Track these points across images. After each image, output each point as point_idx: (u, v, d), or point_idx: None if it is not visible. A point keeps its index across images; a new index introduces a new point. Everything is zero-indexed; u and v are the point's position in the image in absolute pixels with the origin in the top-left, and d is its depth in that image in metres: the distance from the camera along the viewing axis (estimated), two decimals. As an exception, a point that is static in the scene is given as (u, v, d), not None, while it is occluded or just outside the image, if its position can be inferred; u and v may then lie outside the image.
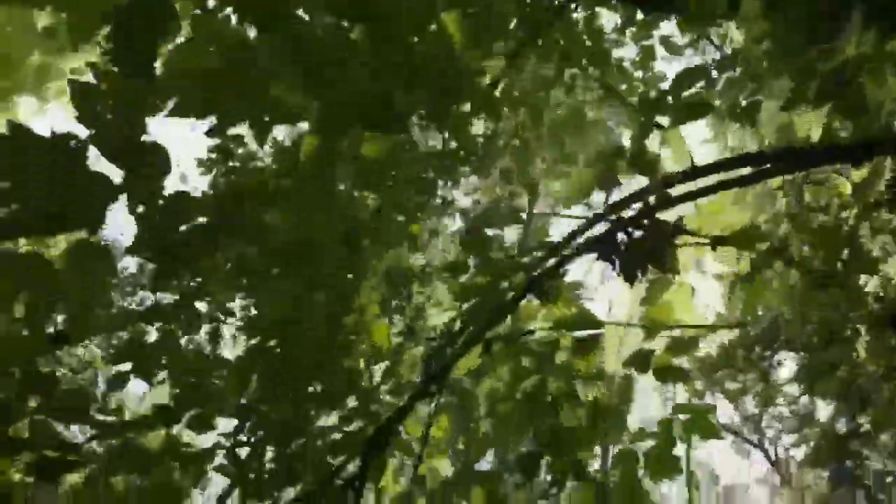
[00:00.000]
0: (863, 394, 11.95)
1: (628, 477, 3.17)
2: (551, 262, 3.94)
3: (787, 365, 27.38)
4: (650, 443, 3.49)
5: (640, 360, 4.15)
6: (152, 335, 3.45)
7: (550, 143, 7.60)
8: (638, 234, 3.57)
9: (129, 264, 10.46)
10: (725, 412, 22.44)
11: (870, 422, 11.80)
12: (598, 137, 7.95)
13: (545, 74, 6.75)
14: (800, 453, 20.16)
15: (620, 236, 3.59)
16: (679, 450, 3.85)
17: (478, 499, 3.78)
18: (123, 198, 2.33)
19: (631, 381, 3.85)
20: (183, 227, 2.48)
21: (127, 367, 3.18)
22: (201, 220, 2.57)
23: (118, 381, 3.28)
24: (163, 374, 3.36)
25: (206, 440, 3.64)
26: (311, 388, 3.56)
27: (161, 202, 2.41)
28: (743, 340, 18.08)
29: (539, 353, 3.99)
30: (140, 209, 2.37)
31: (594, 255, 3.67)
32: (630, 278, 3.63)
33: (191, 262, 2.68)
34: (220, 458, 3.47)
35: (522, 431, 3.63)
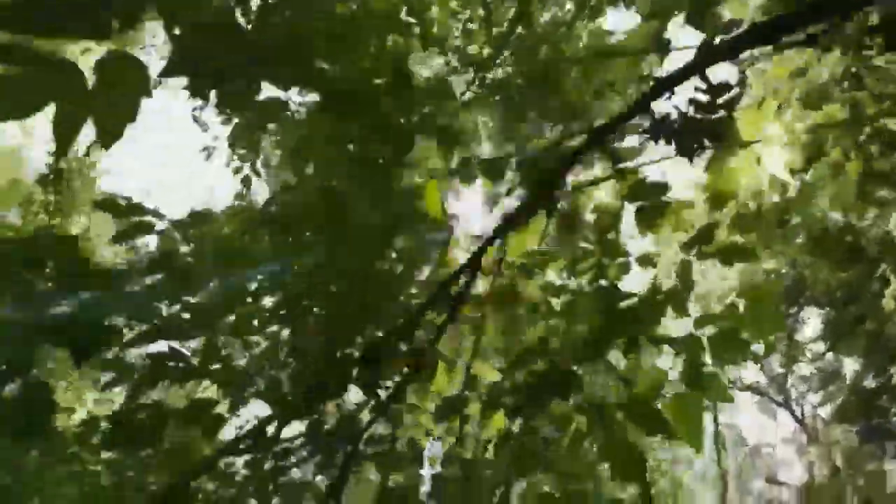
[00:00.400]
0: (891, 346, 11.80)
1: (694, 360, 3.03)
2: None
3: (811, 322, 27.18)
4: (711, 329, 3.17)
5: (703, 237, 3.59)
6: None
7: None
8: (692, 108, 3.40)
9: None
10: (751, 373, 22.37)
11: (900, 374, 11.64)
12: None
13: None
14: (826, 411, 20.06)
15: (673, 114, 3.43)
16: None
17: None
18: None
19: (690, 266, 3.51)
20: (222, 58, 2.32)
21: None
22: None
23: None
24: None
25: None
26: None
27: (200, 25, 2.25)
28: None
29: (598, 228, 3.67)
30: (177, 30, 2.24)
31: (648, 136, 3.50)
32: (688, 153, 3.43)
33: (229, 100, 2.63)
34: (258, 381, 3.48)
35: (586, 320, 3.44)
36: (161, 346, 3.47)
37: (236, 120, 7.92)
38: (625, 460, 3.05)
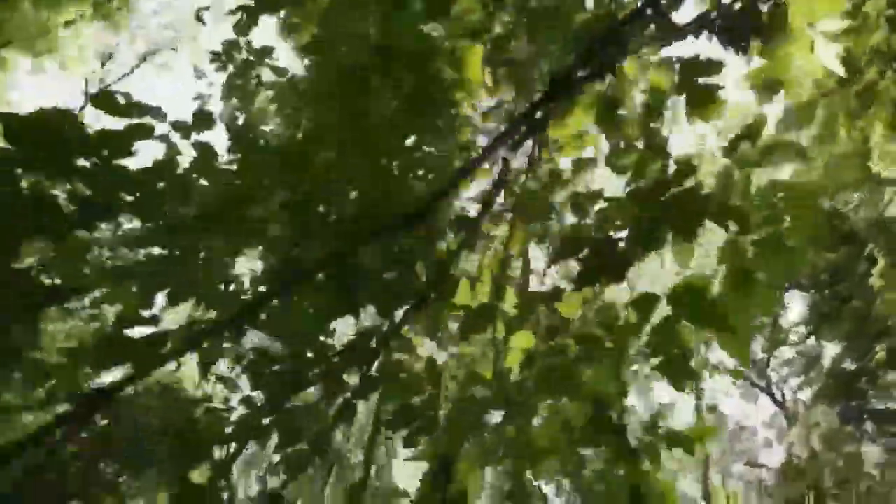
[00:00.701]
0: (877, 326, 12.04)
1: (737, 265, 3.02)
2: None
3: (794, 308, 27.43)
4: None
5: (751, 132, 3.27)
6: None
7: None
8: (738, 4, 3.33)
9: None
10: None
11: (886, 350, 11.91)
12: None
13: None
14: (807, 395, 20.42)
15: (720, 6, 3.38)
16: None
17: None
18: None
19: (732, 171, 3.38)
20: None
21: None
22: None
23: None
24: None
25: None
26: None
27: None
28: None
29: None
30: None
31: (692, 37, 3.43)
32: (737, 45, 3.32)
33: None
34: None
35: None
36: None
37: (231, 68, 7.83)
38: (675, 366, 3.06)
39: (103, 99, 3.06)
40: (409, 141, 3.51)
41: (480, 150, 3.72)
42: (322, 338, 3.56)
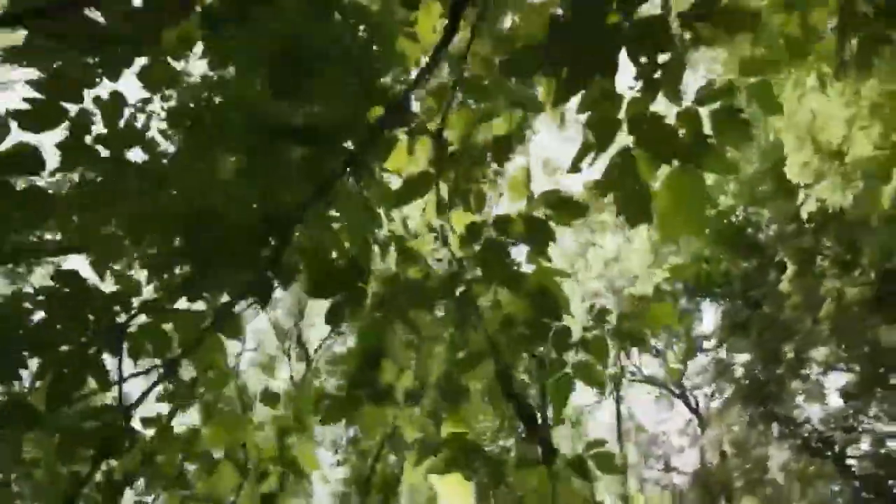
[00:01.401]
0: (787, 330, 12.73)
1: (694, 132, 2.54)
2: None
3: (707, 318, 28.60)
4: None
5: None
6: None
7: None
8: None
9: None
10: (650, 366, 23.45)
11: (793, 350, 12.59)
12: None
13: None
14: (719, 402, 21.33)
15: None
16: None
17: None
18: None
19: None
20: None
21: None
22: None
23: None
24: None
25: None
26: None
27: None
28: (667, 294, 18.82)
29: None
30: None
31: None
32: None
33: None
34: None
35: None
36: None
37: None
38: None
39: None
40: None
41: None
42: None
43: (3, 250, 2.74)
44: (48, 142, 2.84)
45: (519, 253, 3.28)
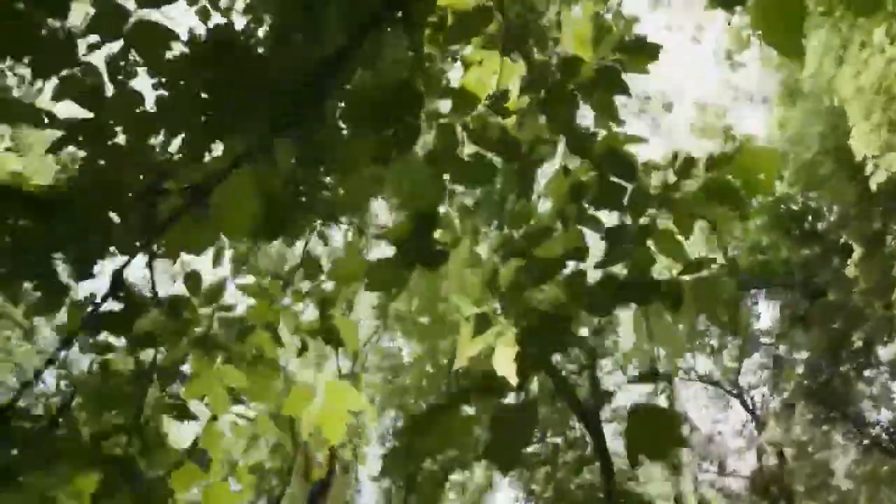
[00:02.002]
0: (855, 315, 11.98)
1: None
2: None
3: (765, 315, 27.60)
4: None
5: None
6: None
7: None
8: None
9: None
10: (704, 364, 22.61)
11: (862, 339, 11.84)
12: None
13: None
14: (777, 402, 20.39)
15: None
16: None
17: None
18: None
19: None
20: None
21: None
22: None
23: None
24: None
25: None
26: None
27: None
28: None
29: None
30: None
31: None
32: None
33: None
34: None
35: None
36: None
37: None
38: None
39: None
40: None
41: None
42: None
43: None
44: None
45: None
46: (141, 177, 2.46)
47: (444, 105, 2.93)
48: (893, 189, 9.63)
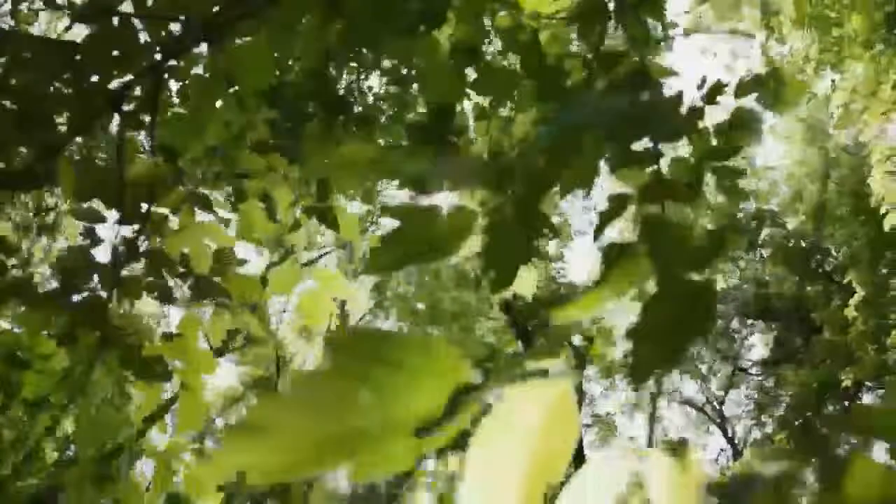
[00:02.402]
0: (848, 356, 12.04)
1: None
2: None
3: (756, 348, 27.86)
4: None
5: None
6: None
7: None
8: None
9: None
10: (690, 388, 22.70)
11: (851, 380, 11.92)
12: None
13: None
14: (759, 435, 20.47)
15: None
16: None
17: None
18: None
19: None
20: None
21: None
22: None
23: None
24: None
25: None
26: None
27: None
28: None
29: None
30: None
31: None
32: None
33: None
34: None
35: None
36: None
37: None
38: None
39: None
40: None
41: None
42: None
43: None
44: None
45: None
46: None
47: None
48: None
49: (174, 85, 2.95)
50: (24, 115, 2.40)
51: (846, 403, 13.86)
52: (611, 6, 2.75)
